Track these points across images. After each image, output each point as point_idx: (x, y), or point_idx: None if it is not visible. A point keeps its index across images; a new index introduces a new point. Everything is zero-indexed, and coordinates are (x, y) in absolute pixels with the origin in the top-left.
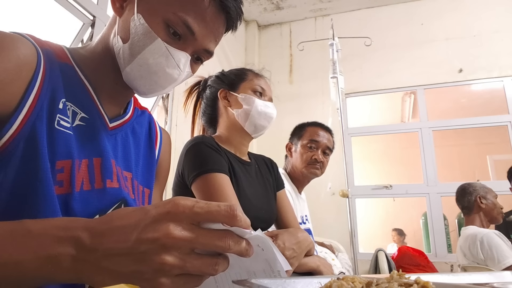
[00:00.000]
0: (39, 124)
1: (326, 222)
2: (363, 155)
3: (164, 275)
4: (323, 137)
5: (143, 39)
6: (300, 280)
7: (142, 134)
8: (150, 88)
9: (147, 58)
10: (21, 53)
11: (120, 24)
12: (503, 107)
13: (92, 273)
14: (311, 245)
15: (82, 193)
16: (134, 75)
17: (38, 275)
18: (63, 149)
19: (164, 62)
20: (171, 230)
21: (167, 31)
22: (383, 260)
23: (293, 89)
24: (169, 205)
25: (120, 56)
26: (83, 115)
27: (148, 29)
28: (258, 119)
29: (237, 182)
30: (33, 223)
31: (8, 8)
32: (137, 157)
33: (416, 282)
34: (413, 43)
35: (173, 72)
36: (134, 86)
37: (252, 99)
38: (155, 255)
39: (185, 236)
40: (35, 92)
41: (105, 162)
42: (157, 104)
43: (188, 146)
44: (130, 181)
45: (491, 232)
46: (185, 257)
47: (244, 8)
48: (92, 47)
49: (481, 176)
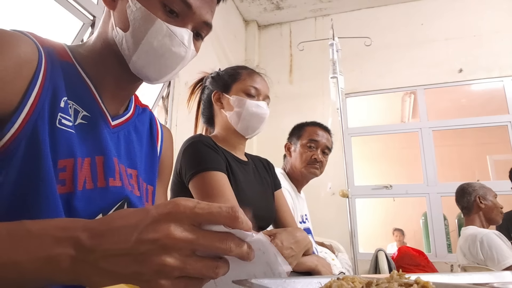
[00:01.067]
0: (41, 123)
1: (326, 222)
2: (363, 155)
3: (164, 276)
4: (322, 137)
5: (143, 24)
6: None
7: (144, 131)
8: (160, 72)
9: (151, 42)
10: (22, 51)
11: (116, 16)
12: (503, 107)
13: (90, 274)
14: (309, 244)
15: (85, 192)
16: (142, 63)
17: (37, 276)
18: (65, 148)
19: (169, 42)
20: (172, 230)
21: (164, 10)
22: (383, 260)
23: (293, 89)
24: (170, 205)
25: (124, 46)
26: (85, 114)
27: (146, 12)
28: (250, 121)
29: (235, 181)
30: (33, 223)
31: (8, 8)
32: (140, 154)
33: (416, 282)
34: (413, 43)
35: (180, 50)
36: (144, 73)
37: (243, 101)
38: (155, 256)
39: (186, 237)
40: (37, 90)
41: (107, 161)
42: (157, 104)
43: (186, 145)
44: (135, 178)
45: (491, 233)
46: (186, 259)
47: (244, 8)
48: (90, 45)
49: (481, 176)
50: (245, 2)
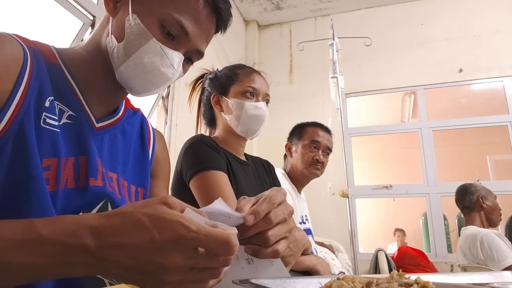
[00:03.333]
0: (27, 122)
1: (326, 222)
2: (363, 155)
3: (168, 285)
4: (323, 138)
5: (138, 39)
6: (300, 280)
7: (133, 134)
8: (144, 87)
9: (142, 57)
10: (8, 51)
11: (114, 24)
12: (503, 107)
13: (104, 274)
14: (308, 244)
15: (66, 191)
16: (128, 74)
17: (53, 275)
18: (49, 147)
19: (159, 61)
20: (176, 259)
21: (162, 31)
22: (383, 260)
23: (293, 89)
24: (174, 231)
25: (114, 55)
26: (71, 113)
27: (143, 29)
28: (249, 123)
29: (235, 181)
30: (43, 226)
31: (8, 8)
32: (126, 157)
33: (416, 282)
34: (413, 43)
35: (168, 71)
36: (128, 85)
37: (241, 104)
38: (161, 275)
39: (188, 264)
40: (22, 89)
41: (90, 161)
42: (157, 104)
43: (187, 145)
44: (115, 181)
45: (491, 232)
46: (186, 274)
47: (244, 8)
48: (83, 47)
49: (481, 176)
50: (245, 2)
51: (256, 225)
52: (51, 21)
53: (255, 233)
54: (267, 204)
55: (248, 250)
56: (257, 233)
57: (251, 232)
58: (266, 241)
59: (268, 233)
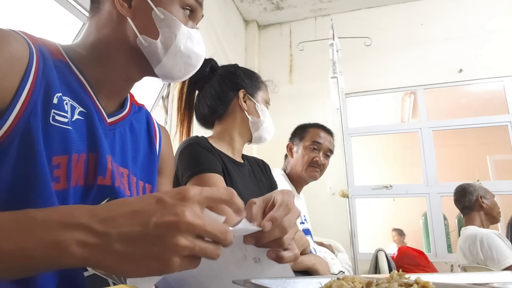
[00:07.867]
0: (34, 120)
1: (326, 222)
2: (363, 155)
3: (176, 254)
4: (325, 139)
5: (172, 30)
6: (300, 280)
7: (140, 130)
8: (185, 71)
9: (179, 46)
10: (13, 48)
11: (139, 24)
12: (503, 107)
13: (101, 257)
14: (306, 243)
15: (76, 188)
16: (170, 66)
17: (44, 261)
18: (59, 144)
19: (190, 44)
20: (187, 215)
21: (184, 13)
22: (383, 260)
23: (293, 89)
24: (180, 191)
25: (152, 52)
26: (82, 110)
27: (173, 19)
28: (266, 132)
29: (231, 182)
30: (36, 211)
31: (8, 8)
32: (135, 153)
33: (416, 282)
34: (413, 43)
35: (200, 50)
36: (170, 75)
37: (266, 112)
38: (171, 237)
39: (197, 222)
40: (28, 87)
41: (100, 158)
42: (157, 104)
43: (182, 147)
44: (126, 177)
45: (491, 232)
46: (195, 241)
47: (244, 8)
48: (88, 45)
49: (481, 176)
50: (245, 2)
51: (272, 232)
52: (51, 20)
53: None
54: (283, 210)
55: (272, 255)
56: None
57: (266, 239)
58: (281, 245)
59: (283, 238)
